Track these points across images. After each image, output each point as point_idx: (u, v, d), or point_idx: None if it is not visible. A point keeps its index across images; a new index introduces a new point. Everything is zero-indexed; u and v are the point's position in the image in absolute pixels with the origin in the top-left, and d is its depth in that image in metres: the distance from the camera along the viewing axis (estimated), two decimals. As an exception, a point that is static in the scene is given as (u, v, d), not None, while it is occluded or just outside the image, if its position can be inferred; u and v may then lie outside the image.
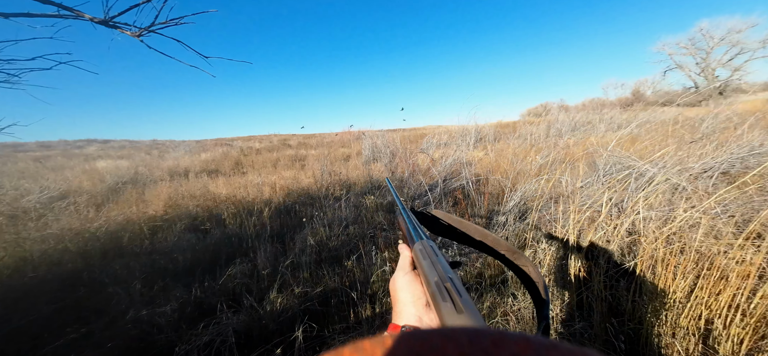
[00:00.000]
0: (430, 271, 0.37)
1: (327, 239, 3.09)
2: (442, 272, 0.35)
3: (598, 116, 9.26)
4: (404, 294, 0.41)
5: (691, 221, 1.48)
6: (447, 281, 0.33)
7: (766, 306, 0.90)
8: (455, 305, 0.29)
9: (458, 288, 0.31)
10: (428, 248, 0.42)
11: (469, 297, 0.30)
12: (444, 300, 0.30)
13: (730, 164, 2.98)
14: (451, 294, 0.30)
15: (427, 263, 0.39)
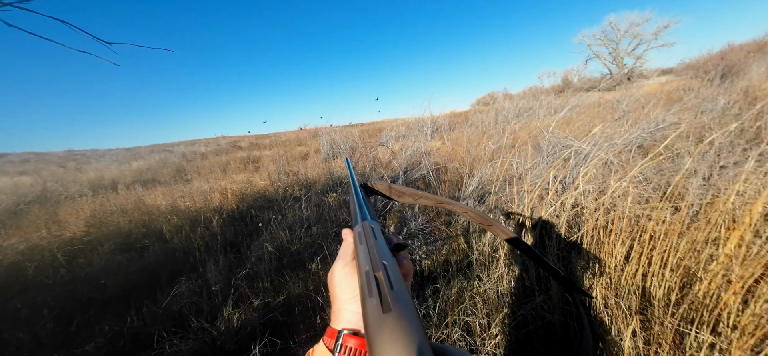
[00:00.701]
0: (364, 258, 0.31)
1: (288, 243, 2.92)
2: (375, 259, 0.29)
3: (537, 102, 10.17)
4: (342, 290, 0.35)
5: (622, 191, 1.67)
6: (379, 269, 0.27)
7: (687, 258, 1.04)
8: (382, 301, 0.24)
9: (391, 279, 0.26)
10: (368, 229, 0.36)
11: (405, 289, 0.25)
12: (370, 295, 0.25)
13: (643, 139, 3.46)
14: (380, 288, 0.25)
15: (363, 249, 0.33)
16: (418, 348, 0.20)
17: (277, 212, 3.58)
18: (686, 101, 5.11)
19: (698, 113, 4.25)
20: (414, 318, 0.23)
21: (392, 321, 0.22)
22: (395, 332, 0.21)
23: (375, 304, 0.24)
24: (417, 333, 0.21)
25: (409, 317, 0.23)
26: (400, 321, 0.22)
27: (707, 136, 3.37)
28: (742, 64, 8.76)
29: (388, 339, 0.21)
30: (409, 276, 0.38)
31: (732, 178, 1.59)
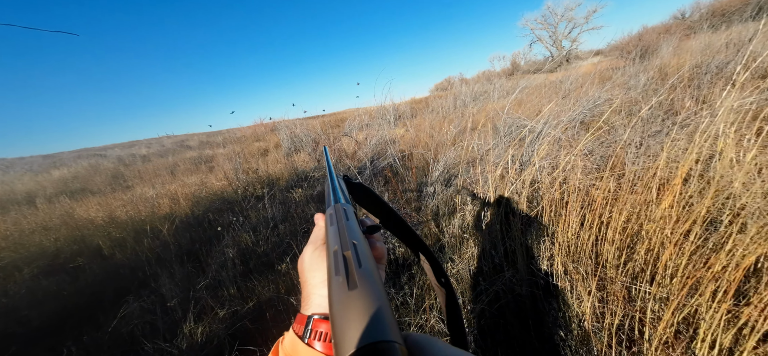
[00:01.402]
0: (333, 239, 0.30)
1: (253, 246, 2.75)
2: (345, 238, 0.29)
3: (491, 86, 10.70)
4: (312, 274, 0.34)
5: (571, 165, 1.83)
6: (348, 249, 0.27)
7: (632, 221, 1.18)
8: (348, 279, 0.23)
9: (360, 257, 0.25)
10: (340, 211, 0.35)
11: (374, 268, 0.25)
12: (336, 274, 0.24)
13: (584, 115, 3.81)
14: (348, 265, 0.25)
15: (333, 230, 0.32)
16: (382, 325, 0.19)
17: (239, 214, 3.35)
18: (615, 79, 5.74)
19: (626, 90, 4.81)
20: (380, 295, 0.22)
21: (357, 297, 0.21)
22: (359, 309, 0.20)
23: (341, 281, 0.23)
24: (382, 310, 0.20)
25: (374, 294, 0.22)
26: (365, 297, 0.21)
27: (635, 109, 3.82)
28: (655, 45, 10.04)
29: (352, 316, 0.20)
30: (383, 259, 0.38)
31: (659, 145, 1.82)
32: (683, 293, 0.80)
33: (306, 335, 0.30)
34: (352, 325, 0.20)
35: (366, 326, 0.19)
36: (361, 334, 0.19)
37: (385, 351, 0.17)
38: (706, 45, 6.22)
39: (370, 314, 0.20)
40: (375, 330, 0.19)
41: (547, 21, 24.37)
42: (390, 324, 0.19)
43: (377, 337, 0.18)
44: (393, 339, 0.18)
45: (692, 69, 4.64)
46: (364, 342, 0.18)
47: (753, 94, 1.89)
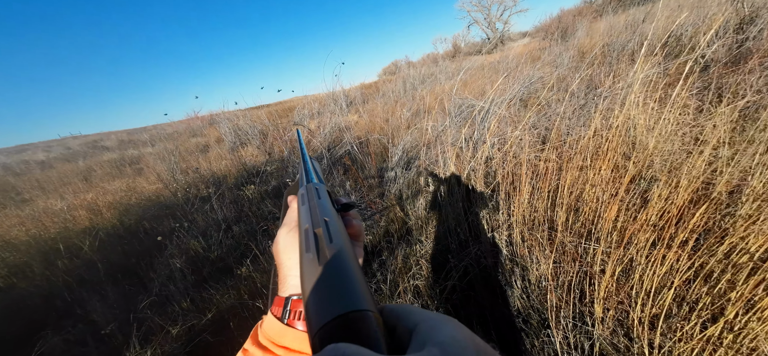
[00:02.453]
0: (305, 217, 0.30)
1: (205, 252, 2.50)
2: (316, 216, 0.29)
3: (437, 68, 11.04)
4: (287, 256, 0.33)
5: (519, 140, 2.00)
6: (319, 226, 0.26)
7: (574, 188, 1.34)
8: (319, 254, 0.23)
9: (331, 233, 0.25)
10: (312, 190, 0.34)
11: (346, 243, 0.24)
12: (307, 251, 0.24)
13: (522, 93, 4.17)
14: (319, 242, 0.24)
15: (304, 210, 0.31)
16: (353, 295, 0.19)
17: (182, 219, 2.99)
18: (544, 58, 6.37)
19: (555, 68, 5.38)
20: (351, 267, 0.21)
21: (327, 271, 0.21)
22: (330, 282, 0.20)
23: (312, 258, 0.23)
24: (353, 280, 0.20)
25: (345, 266, 0.21)
26: (335, 270, 0.21)
27: (563, 85, 4.30)
28: (573, 26, 11.34)
29: (323, 290, 0.20)
30: (360, 236, 0.37)
31: (587, 116, 2.08)
32: (622, 245, 0.95)
33: (285, 316, 0.30)
34: (323, 299, 0.19)
35: (337, 297, 0.18)
36: (332, 306, 0.18)
37: (357, 320, 0.17)
38: (610, 26, 7.19)
39: (341, 286, 0.19)
40: (346, 301, 0.18)
41: (481, 3, 25.66)
42: (362, 293, 0.19)
43: (349, 307, 0.17)
44: (364, 308, 0.18)
45: (603, 48, 5.34)
46: (335, 313, 0.17)
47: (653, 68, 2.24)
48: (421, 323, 0.18)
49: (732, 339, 0.75)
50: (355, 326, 0.17)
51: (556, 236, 1.18)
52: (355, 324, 0.17)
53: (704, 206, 0.89)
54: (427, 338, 0.16)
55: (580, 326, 0.97)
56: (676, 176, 1.08)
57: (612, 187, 1.17)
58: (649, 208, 0.98)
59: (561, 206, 1.22)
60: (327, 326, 0.17)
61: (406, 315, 0.19)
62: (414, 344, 0.17)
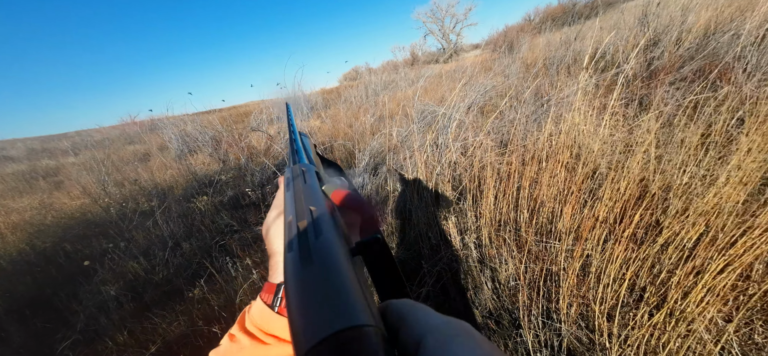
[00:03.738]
0: (289, 207, 0.24)
1: (148, 274, 2.20)
2: (301, 205, 0.24)
3: (398, 75, 11.28)
4: (277, 241, 0.32)
5: (481, 145, 2.09)
6: (303, 218, 0.22)
7: (535, 189, 1.43)
8: (302, 254, 0.18)
9: (319, 226, 0.21)
10: (298, 172, 0.29)
11: (336, 237, 0.20)
12: (289, 249, 0.19)
13: (479, 100, 4.42)
14: (304, 235, 0.20)
15: (289, 196, 0.26)
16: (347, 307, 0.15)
17: (117, 238, 2.60)
18: (495, 69, 6.87)
19: (505, 77, 5.82)
20: (341, 269, 0.17)
21: (313, 276, 0.17)
22: (316, 290, 0.16)
23: (294, 257, 0.18)
24: (346, 287, 0.16)
25: (335, 269, 0.17)
26: (323, 275, 0.17)
27: (513, 93, 4.65)
28: (517, 41, 12.46)
29: (308, 299, 0.16)
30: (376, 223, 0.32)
31: (537, 123, 2.26)
32: (580, 241, 1.03)
33: (275, 303, 0.30)
34: (309, 313, 0.15)
35: (326, 311, 0.15)
36: (321, 323, 0.14)
37: (352, 340, 0.13)
38: (548, 42, 8.02)
39: (330, 295, 0.16)
40: (338, 315, 0.14)
41: (435, 15, 27.03)
42: (357, 304, 0.15)
43: (342, 324, 0.14)
44: (362, 322, 0.14)
45: (544, 61, 5.92)
46: (326, 332, 0.14)
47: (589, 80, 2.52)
48: (429, 336, 0.15)
49: (674, 323, 0.86)
50: (350, 348, 0.13)
51: (521, 237, 1.24)
52: (350, 345, 0.13)
53: (644, 202, 1.00)
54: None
55: (548, 324, 1.03)
56: (618, 177, 1.21)
57: (567, 187, 1.28)
58: (599, 206, 1.08)
59: (523, 208, 1.30)
60: (315, 349, 0.13)
61: (413, 321, 0.16)
62: None
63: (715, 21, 3.16)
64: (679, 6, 3.61)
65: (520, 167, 1.54)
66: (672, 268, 0.97)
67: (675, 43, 3.33)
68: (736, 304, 0.94)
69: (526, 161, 1.58)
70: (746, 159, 1.07)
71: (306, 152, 0.37)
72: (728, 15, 3.14)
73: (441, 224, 1.55)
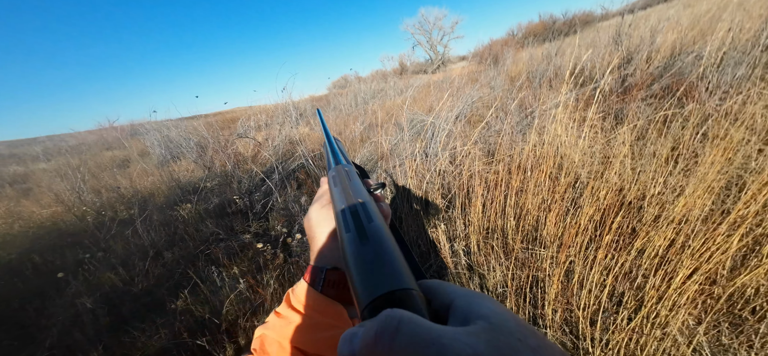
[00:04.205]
0: (339, 199, 0.31)
1: (126, 285, 2.11)
2: (351, 197, 0.30)
3: (387, 84, 11.42)
4: (320, 230, 0.36)
5: (470, 154, 2.15)
6: (355, 207, 0.28)
7: (521, 198, 1.48)
8: (359, 233, 0.24)
9: (369, 213, 0.26)
10: (342, 172, 0.36)
11: (382, 223, 0.25)
12: (347, 231, 0.25)
13: (465, 111, 4.54)
14: (359, 220, 0.26)
15: (338, 191, 0.33)
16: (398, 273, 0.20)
17: (93, 248, 2.48)
18: (481, 81, 7.08)
19: (491, 89, 6.01)
20: (392, 246, 0.22)
21: (370, 250, 0.22)
22: (374, 260, 0.21)
23: (352, 237, 0.24)
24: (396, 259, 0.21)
25: (387, 245, 0.22)
26: (378, 249, 0.22)
27: (499, 105, 4.80)
28: (502, 54, 12.92)
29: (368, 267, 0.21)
30: (387, 218, 0.38)
31: (521, 133, 2.35)
32: (564, 249, 1.08)
33: (318, 284, 0.33)
34: (368, 276, 0.20)
35: (383, 275, 0.20)
36: (379, 283, 0.19)
37: (404, 297, 0.18)
38: (531, 56, 8.36)
39: (385, 264, 0.20)
40: (392, 279, 0.19)
41: (423, 27, 27.74)
42: (405, 272, 0.20)
43: (395, 285, 0.19)
44: (410, 286, 0.19)
45: (528, 74, 6.16)
46: (382, 290, 0.18)
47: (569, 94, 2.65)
48: (456, 299, 0.18)
49: (650, 327, 0.91)
50: (403, 303, 0.17)
51: (508, 244, 1.28)
52: (403, 301, 0.18)
53: (622, 211, 1.07)
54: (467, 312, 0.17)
55: (535, 327, 1.06)
56: (598, 186, 1.28)
57: (551, 195, 1.34)
58: (581, 214, 1.14)
59: (510, 215, 1.34)
60: (376, 301, 0.18)
61: (442, 291, 0.20)
62: (453, 319, 0.17)
63: (680, 43, 3.41)
64: (648, 27, 3.87)
65: (506, 176, 1.60)
66: (647, 273, 1.03)
67: (646, 61, 3.55)
68: (704, 307, 1.01)
69: (512, 170, 1.64)
70: (709, 171, 1.16)
71: (342, 153, 0.43)
72: (691, 38, 3.39)
73: (430, 232, 1.58)
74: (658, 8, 5.52)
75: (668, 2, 7.78)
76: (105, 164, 5.09)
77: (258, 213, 2.60)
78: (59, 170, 4.27)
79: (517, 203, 1.42)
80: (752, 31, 2.90)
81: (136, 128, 5.91)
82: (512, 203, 1.42)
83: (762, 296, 0.99)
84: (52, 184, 3.82)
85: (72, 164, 3.95)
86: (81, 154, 5.86)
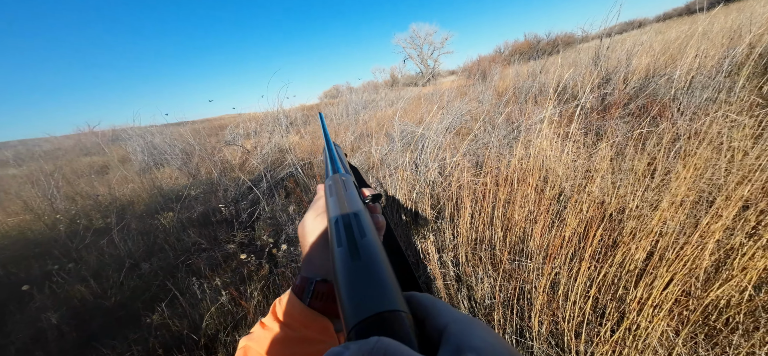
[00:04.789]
0: (334, 209, 0.31)
1: (98, 298, 1.99)
2: (346, 208, 0.30)
3: (378, 95, 11.56)
4: (313, 239, 0.35)
5: (459, 166, 2.18)
6: (349, 219, 0.27)
7: (508, 210, 1.51)
8: (350, 250, 0.24)
9: (363, 227, 0.26)
10: (339, 181, 0.36)
11: (376, 238, 0.25)
12: (339, 245, 0.25)
13: (455, 124, 4.62)
14: (352, 234, 0.25)
15: (334, 201, 0.32)
16: (388, 294, 0.20)
17: (63, 259, 2.35)
18: (470, 94, 7.27)
19: (479, 103, 6.17)
20: (383, 265, 0.22)
21: (361, 268, 0.22)
22: (364, 279, 0.21)
23: (343, 252, 0.23)
24: (387, 279, 0.21)
25: (378, 264, 0.22)
26: (369, 267, 0.22)
27: (487, 118, 4.92)
28: (489, 70, 13.35)
29: (358, 286, 0.21)
30: (382, 230, 0.39)
31: (508, 147, 2.41)
32: (549, 260, 1.10)
33: (307, 296, 0.32)
34: (357, 296, 0.20)
35: (372, 295, 0.19)
36: (367, 304, 0.19)
37: (392, 320, 0.18)
38: (517, 73, 8.66)
39: (375, 283, 0.20)
40: (382, 299, 0.19)
41: (414, 42, 28.52)
42: (395, 293, 0.20)
43: (384, 307, 0.18)
44: (399, 308, 0.19)
45: (514, 90, 6.37)
46: (372, 311, 0.18)
47: (553, 109, 2.75)
48: (451, 324, 0.18)
49: (631, 338, 0.93)
50: (390, 325, 0.18)
51: (496, 255, 1.29)
52: (390, 324, 0.18)
53: (603, 223, 1.10)
54: (459, 341, 0.16)
55: (522, 342, 1.07)
56: (581, 199, 1.32)
57: (537, 208, 1.37)
58: (565, 227, 1.17)
59: (498, 227, 1.36)
60: (363, 322, 0.18)
61: (435, 312, 0.20)
62: (446, 347, 0.17)
63: (653, 66, 3.62)
64: (624, 50, 4.10)
65: (494, 187, 1.63)
66: (628, 285, 1.06)
67: (623, 81, 3.75)
68: (681, 319, 1.04)
69: (499, 182, 1.67)
70: (681, 186, 1.22)
71: (341, 162, 0.43)
72: (663, 62, 3.61)
73: (420, 243, 1.58)
74: (633, 33, 5.88)
75: (642, 28, 8.31)
76: (82, 170, 4.86)
77: (244, 222, 2.54)
78: (31, 175, 4.04)
79: (504, 215, 1.45)
80: (716, 58, 3.12)
81: (118, 133, 5.71)
82: (500, 215, 1.44)
83: (733, 307, 1.03)
84: (21, 190, 3.62)
85: (45, 170, 3.76)
86: (56, 159, 5.58)
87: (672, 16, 16.64)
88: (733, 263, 1.05)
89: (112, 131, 6.22)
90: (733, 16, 4.11)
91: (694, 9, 4.74)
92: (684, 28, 5.20)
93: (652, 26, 8.95)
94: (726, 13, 4.71)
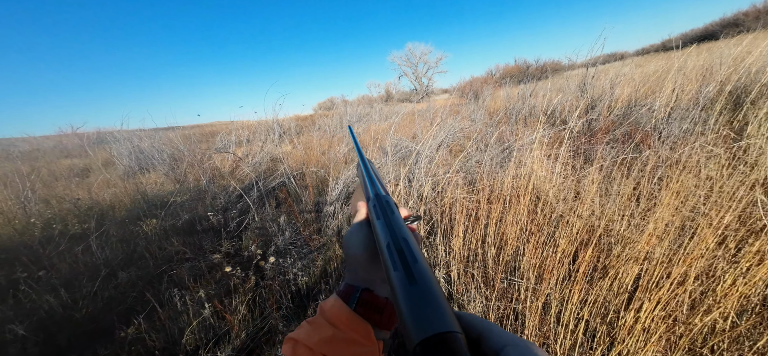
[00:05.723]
0: (383, 233, 0.33)
1: (68, 309, 1.88)
2: (395, 234, 0.32)
3: (372, 109, 11.68)
4: (359, 253, 0.38)
5: (452, 182, 2.20)
6: (400, 245, 0.30)
7: (500, 228, 1.52)
8: (407, 274, 0.26)
9: (414, 253, 0.28)
10: (383, 203, 0.38)
11: (425, 262, 0.28)
12: (395, 269, 0.27)
13: (448, 140, 4.70)
14: (405, 260, 0.27)
15: (381, 225, 0.35)
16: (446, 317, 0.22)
17: (33, 266, 2.21)
18: (462, 113, 7.44)
19: (471, 121, 6.31)
20: (437, 288, 0.24)
21: (419, 292, 0.24)
22: (423, 302, 0.23)
23: (401, 276, 0.26)
24: (443, 303, 0.23)
25: (433, 288, 0.24)
26: (426, 291, 0.24)
27: (479, 136, 5.02)
28: (481, 90, 13.74)
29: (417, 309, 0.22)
30: (419, 245, 0.40)
31: (499, 166, 2.46)
32: (543, 280, 1.10)
33: (352, 302, 0.36)
34: (418, 316, 0.22)
35: (431, 318, 0.21)
36: (428, 324, 0.21)
37: (451, 340, 0.20)
38: (508, 95, 8.95)
39: (433, 306, 0.22)
40: (440, 321, 0.21)
41: (409, 60, 29.31)
42: (450, 315, 0.22)
43: (443, 328, 0.21)
44: (456, 330, 0.21)
45: (505, 111, 6.56)
46: (432, 331, 0.20)
47: (543, 132, 2.83)
48: (509, 347, 0.20)
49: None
50: (450, 345, 0.20)
51: (488, 273, 1.29)
52: (450, 344, 0.20)
53: (592, 246, 1.12)
54: None
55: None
56: (572, 220, 1.35)
57: (529, 227, 1.38)
58: (557, 249, 1.19)
59: (491, 244, 1.36)
60: (427, 341, 0.20)
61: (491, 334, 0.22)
62: None
63: (635, 96, 3.81)
64: (608, 79, 4.31)
65: (486, 205, 1.65)
66: (618, 308, 1.07)
67: (607, 109, 3.92)
68: (669, 345, 1.06)
69: (492, 199, 1.69)
70: (664, 213, 1.26)
71: (379, 180, 0.45)
72: (643, 92, 3.81)
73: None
74: (615, 65, 6.21)
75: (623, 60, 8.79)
76: (61, 172, 4.65)
77: (232, 232, 2.46)
78: (5, 177, 3.84)
79: (497, 232, 1.46)
80: (692, 92, 3.32)
81: (104, 136, 5.53)
82: (493, 232, 1.45)
83: (718, 334, 1.05)
84: (-6, 191, 3.43)
85: (21, 171, 3.58)
86: (34, 161, 5.32)
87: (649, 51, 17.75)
88: (715, 289, 1.08)
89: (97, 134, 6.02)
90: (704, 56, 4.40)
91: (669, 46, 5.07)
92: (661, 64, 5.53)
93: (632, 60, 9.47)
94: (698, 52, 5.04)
